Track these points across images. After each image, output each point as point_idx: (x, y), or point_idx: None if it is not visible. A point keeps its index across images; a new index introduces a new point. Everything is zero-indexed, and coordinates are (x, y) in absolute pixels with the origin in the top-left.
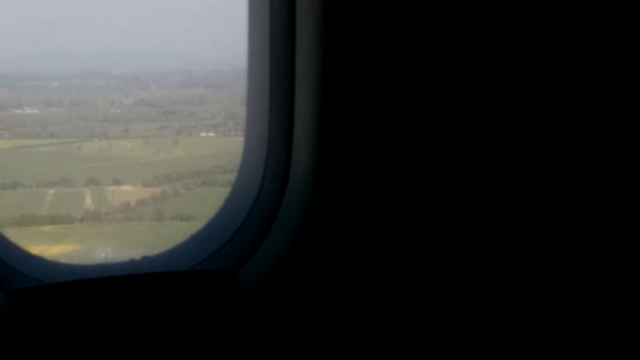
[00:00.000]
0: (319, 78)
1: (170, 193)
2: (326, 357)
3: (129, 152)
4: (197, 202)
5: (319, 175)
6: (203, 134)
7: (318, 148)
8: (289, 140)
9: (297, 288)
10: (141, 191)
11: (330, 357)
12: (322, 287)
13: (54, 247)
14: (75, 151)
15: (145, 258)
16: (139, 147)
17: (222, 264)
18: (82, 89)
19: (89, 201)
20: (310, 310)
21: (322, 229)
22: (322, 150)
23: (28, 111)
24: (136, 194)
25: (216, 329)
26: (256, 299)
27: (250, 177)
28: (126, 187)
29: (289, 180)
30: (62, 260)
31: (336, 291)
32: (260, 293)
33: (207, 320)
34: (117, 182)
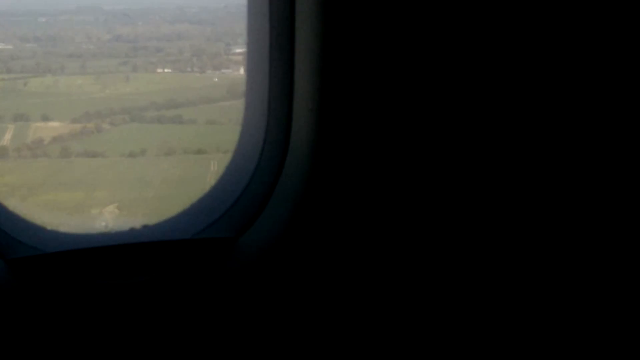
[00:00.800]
0: (319, 45)
1: (91, 129)
2: (326, 326)
3: (75, 89)
4: (114, 139)
5: (319, 143)
6: (159, 70)
7: (318, 116)
8: (289, 108)
9: (298, 256)
10: (67, 127)
11: (330, 327)
12: (321, 255)
13: None
14: (21, 87)
15: (145, 227)
16: (88, 84)
17: (222, 232)
18: (68, 25)
19: (7, 137)
20: (310, 279)
21: (322, 197)
22: (322, 118)
23: (1, 46)
24: (59, 130)
25: (217, 297)
26: (256, 268)
27: (250, 145)
28: (53, 124)
29: (289, 149)
30: (62, 229)
31: (335, 259)
32: (260, 261)
33: (207, 288)
34: (45, 119)
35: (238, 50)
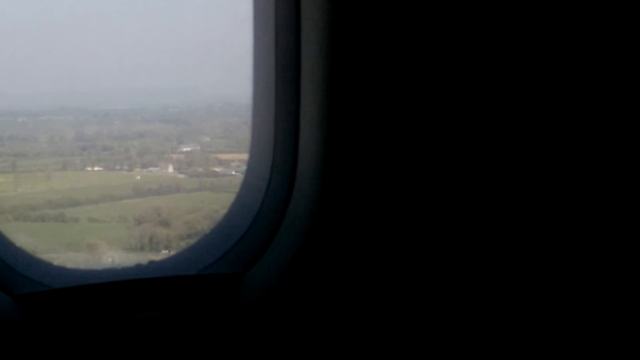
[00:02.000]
0: (324, 80)
1: None
2: None
3: None
4: None
5: (326, 177)
6: (88, 169)
7: (324, 150)
8: (295, 143)
9: (305, 292)
10: None
11: None
12: (329, 291)
13: None
14: None
15: (151, 262)
16: (6, 182)
17: (228, 268)
18: (44, 125)
19: None
20: (317, 315)
21: (329, 232)
22: (329, 152)
23: None
24: None
25: (223, 333)
26: (263, 304)
27: (256, 180)
28: None
29: (296, 184)
30: (69, 265)
31: (344, 295)
32: (267, 297)
33: (213, 324)
34: None
35: (185, 149)
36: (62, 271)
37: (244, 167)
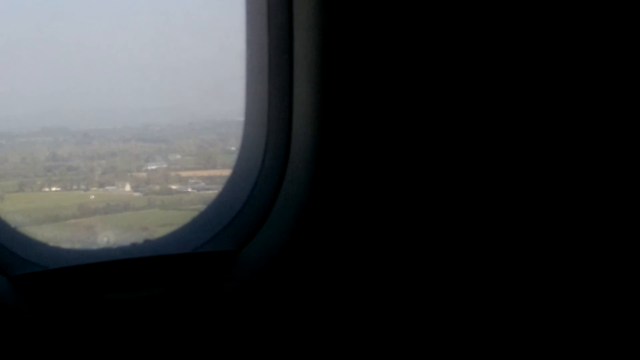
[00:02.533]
0: (318, 64)
1: None
2: (328, 339)
3: None
4: None
5: (319, 155)
6: (45, 189)
7: (318, 128)
8: (289, 121)
9: (299, 269)
10: None
11: (332, 340)
12: (324, 265)
13: None
14: None
15: (147, 241)
16: None
17: (224, 246)
18: (19, 146)
19: None
20: (313, 290)
21: (323, 208)
22: (322, 130)
23: None
24: None
25: (219, 310)
26: (258, 281)
27: (251, 158)
28: None
29: (289, 162)
30: (65, 245)
31: (339, 269)
32: (262, 274)
33: (209, 302)
34: None
35: (151, 167)
36: (58, 252)
37: (201, 184)
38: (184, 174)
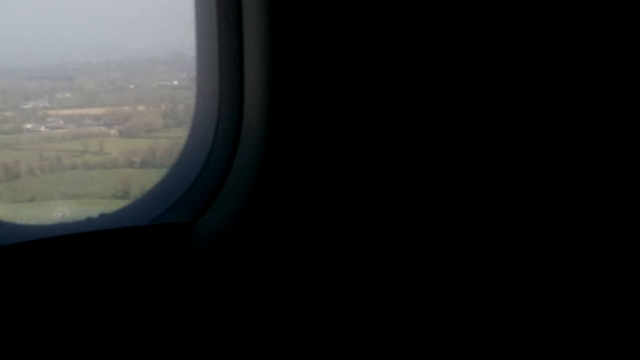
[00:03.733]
0: (267, 28)
1: None
2: (283, 311)
3: None
4: None
5: (272, 124)
6: None
7: (270, 96)
8: (240, 89)
9: (256, 238)
10: None
11: (287, 312)
12: (279, 236)
13: None
14: None
15: (102, 215)
16: None
17: (179, 217)
18: None
19: None
20: (268, 261)
21: (277, 179)
22: (274, 98)
23: None
24: None
25: (176, 283)
26: (215, 251)
27: (203, 129)
28: None
29: (242, 132)
30: (19, 221)
31: (293, 242)
32: (218, 245)
33: (166, 274)
34: None
35: (27, 106)
36: (12, 227)
37: (59, 122)
38: (57, 112)
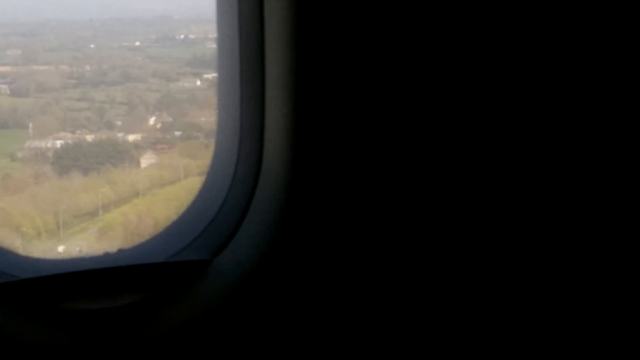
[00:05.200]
0: (290, 67)
1: None
2: (305, 347)
3: None
4: None
5: (293, 161)
6: None
7: (291, 133)
8: (261, 126)
9: (274, 278)
10: None
11: (309, 348)
12: (298, 276)
13: None
14: None
15: (120, 251)
16: None
17: (197, 254)
18: None
19: None
20: (288, 301)
21: (297, 217)
22: (296, 136)
23: None
24: None
25: (193, 320)
26: (233, 290)
27: (223, 165)
28: None
29: (262, 167)
30: (36, 255)
31: (314, 280)
32: (236, 283)
33: (183, 311)
34: None
35: None
36: (29, 261)
37: None
38: None
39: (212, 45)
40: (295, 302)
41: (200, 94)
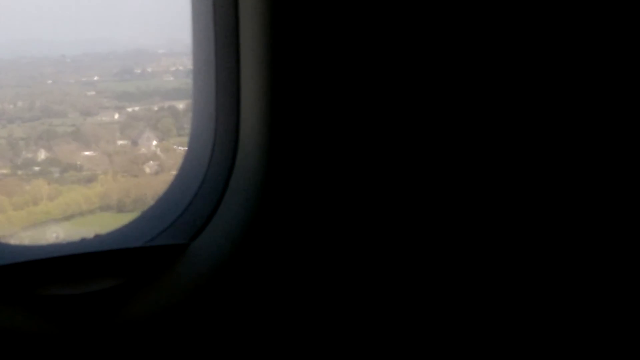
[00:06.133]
0: (265, 50)
1: None
2: (283, 330)
3: None
4: None
5: (269, 144)
6: None
7: (267, 116)
8: (237, 109)
9: (251, 261)
10: None
11: (287, 330)
12: (274, 260)
13: None
14: None
15: (97, 236)
16: None
17: (174, 239)
18: None
19: None
20: (263, 284)
21: (274, 201)
22: (272, 119)
23: None
24: None
25: (170, 305)
26: (210, 274)
27: (199, 150)
28: None
29: (238, 151)
30: (12, 241)
31: (290, 264)
32: (213, 267)
33: (160, 296)
34: None
35: None
36: (5, 248)
37: None
38: None
39: (170, 78)
40: (272, 285)
41: (98, 128)
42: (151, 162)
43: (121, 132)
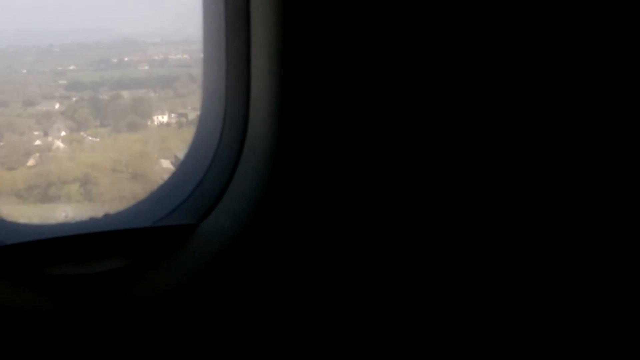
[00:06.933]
0: (276, 30)
1: None
2: (290, 310)
3: None
4: None
5: (279, 126)
6: None
7: (277, 99)
8: (247, 93)
9: (260, 241)
10: None
11: (294, 311)
12: (283, 240)
13: None
14: None
15: (106, 216)
16: None
17: (183, 219)
18: None
19: None
20: (272, 264)
21: (282, 182)
22: (281, 99)
23: None
24: None
25: (178, 285)
26: (218, 254)
27: (209, 131)
28: None
29: (248, 132)
30: (22, 220)
31: (299, 244)
32: (222, 247)
33: (169, 277)
34: None
35: None
36: (15, 227)
37: None
38: None
39: (145, 67)
40: (281, 265)
41: (17, 119)
42: (37, 154)
43: (37, 123)
